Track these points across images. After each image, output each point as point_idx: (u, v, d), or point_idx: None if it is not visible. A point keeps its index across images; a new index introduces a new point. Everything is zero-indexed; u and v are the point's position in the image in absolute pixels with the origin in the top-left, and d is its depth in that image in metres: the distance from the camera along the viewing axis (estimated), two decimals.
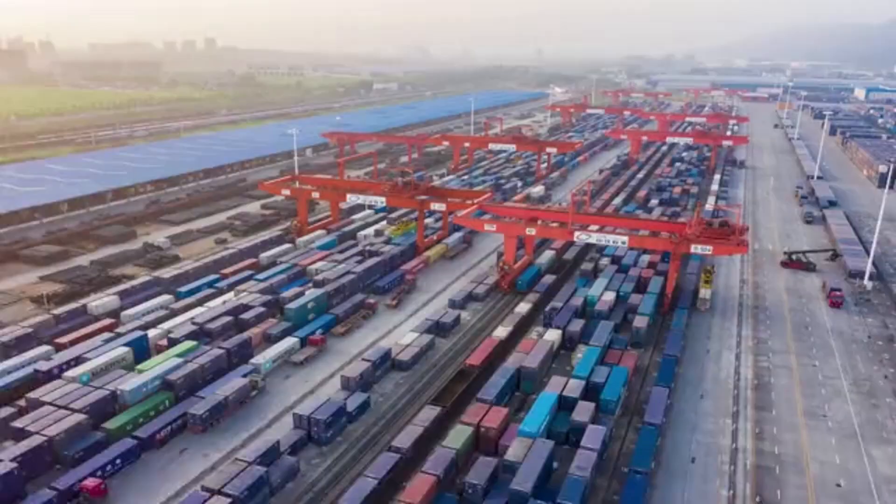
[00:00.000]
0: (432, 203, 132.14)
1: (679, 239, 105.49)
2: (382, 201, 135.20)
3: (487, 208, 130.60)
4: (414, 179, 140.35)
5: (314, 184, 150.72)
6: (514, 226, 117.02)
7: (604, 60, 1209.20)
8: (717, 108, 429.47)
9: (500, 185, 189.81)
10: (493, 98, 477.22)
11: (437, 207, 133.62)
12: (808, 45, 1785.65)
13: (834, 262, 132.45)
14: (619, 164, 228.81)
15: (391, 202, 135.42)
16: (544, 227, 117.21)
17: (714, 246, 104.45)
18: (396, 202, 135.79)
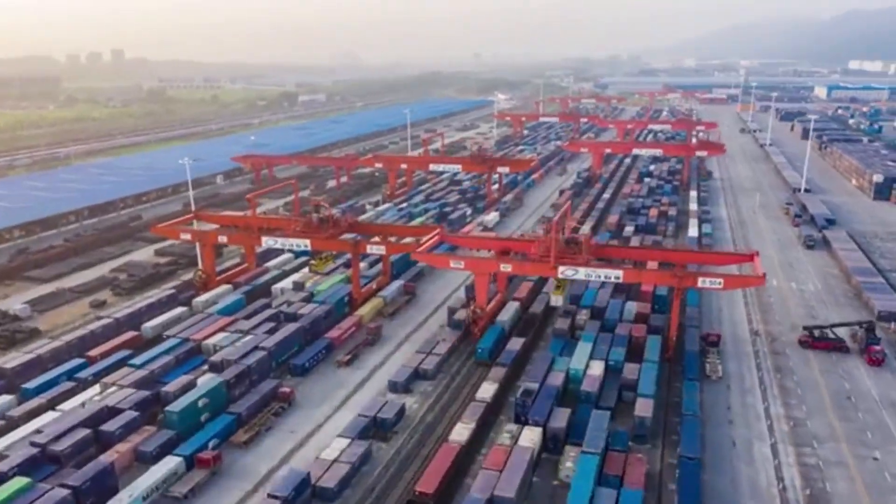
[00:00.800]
0: (368, 245, 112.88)
1: (683, 272, 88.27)
2: (306, 244, 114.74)
3: (451, 239, 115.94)
4: (332, 214, 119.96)
5: (219, 223, 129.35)
6: (485, 262, 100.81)
7: (547, 63, 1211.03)
8: (676, 113, 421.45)
9: (446, 213, 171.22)
10: (431, 108, 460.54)
11: (374, 251, 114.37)
12: (757, 42, 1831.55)
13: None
14: (581, 181, 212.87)
15: (317, 245, 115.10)
16: (521, 261, 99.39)
17: (725, 279, 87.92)
18: (323, 244, 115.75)
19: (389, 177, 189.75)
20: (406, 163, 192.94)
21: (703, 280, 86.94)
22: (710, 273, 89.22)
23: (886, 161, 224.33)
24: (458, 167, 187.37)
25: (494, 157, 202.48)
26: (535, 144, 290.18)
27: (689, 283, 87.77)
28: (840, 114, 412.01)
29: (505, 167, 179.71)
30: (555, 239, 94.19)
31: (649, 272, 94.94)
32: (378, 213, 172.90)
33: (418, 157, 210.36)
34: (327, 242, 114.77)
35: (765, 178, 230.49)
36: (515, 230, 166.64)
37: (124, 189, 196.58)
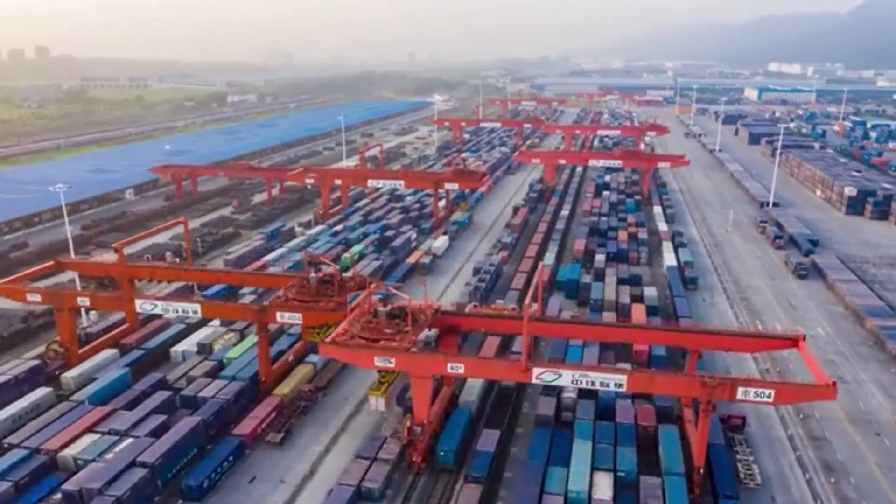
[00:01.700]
0: (278, 312, 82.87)
1: (714, 380, 62.68)
2: (196, 309, 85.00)
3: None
4: (339, 273, 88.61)
5: (85, 272, 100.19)
6: (426, 359, 70.80)
7: (481, 64, 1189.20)
8: (616, 115, 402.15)
9: (388, 238, 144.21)
10: (367, 110, 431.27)
11: (289, 320, 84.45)
12: (679, 45, 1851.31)
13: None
14: (535, 195, 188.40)
15: (312, 320, 78.94)
16: (479, 361, 71.99)
17: (777, 390, 62.37)
18: (324, 318, 78.16)
19: (322, 194, 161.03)
20: (341, 177, 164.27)
21: (744, 391, 61.26)
22: (754, 381, 63.60)
23: (851, 171, 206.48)
24: (400, 183, 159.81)
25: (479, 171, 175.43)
26: (478, 151, 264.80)
27: (725, 395, 61.92)
28: (779, 117, 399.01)
29: (454, 183, 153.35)
30: (525, 322, 67.53)
31: (665, 378, 67.38)
32: (309, 238, 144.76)
33: (355, 171, 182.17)
34: (329, 315, 77.89)
35: (726, 190, 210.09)
36: (468, 257, 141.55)
37: (11, 209, 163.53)
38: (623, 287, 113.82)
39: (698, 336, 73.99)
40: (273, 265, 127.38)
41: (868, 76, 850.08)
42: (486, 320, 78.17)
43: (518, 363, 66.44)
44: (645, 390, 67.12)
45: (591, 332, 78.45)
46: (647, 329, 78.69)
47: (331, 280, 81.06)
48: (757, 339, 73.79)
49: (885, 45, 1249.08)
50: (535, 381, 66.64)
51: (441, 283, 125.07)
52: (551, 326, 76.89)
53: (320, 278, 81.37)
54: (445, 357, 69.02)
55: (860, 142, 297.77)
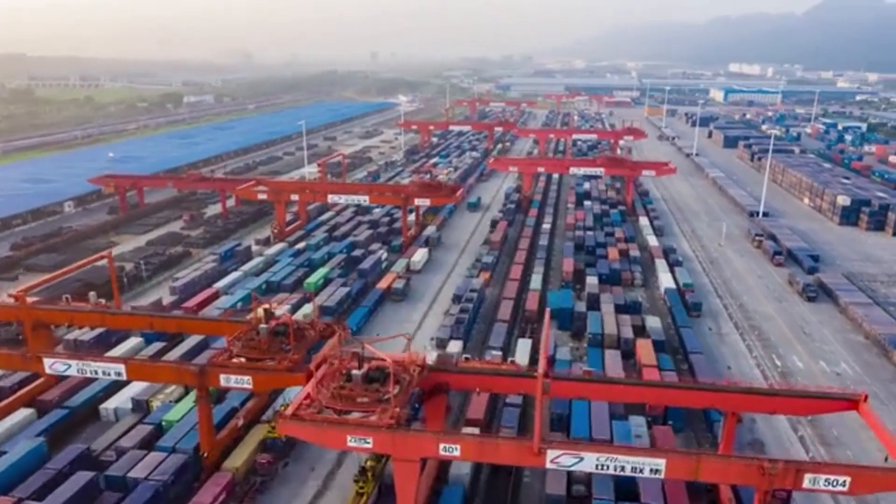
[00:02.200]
0: (222, 375, 67.57)
1: (778, 466, 49.95)
2: (120, 371, 69.87)
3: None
4: (293, 321, 76.39)
5: None
6: (413, 439, 55.41)
7: (445, 63, 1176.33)
8: (586, 117, 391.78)
9: (356, 259, 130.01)
10: (329, 111, 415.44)
11: (234, 384, 68.93)
12: (639, 45, 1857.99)
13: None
14: (512, 206, 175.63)
15: (262, 385, 69.65)
16: (481, 441, 57.62)
17: (853, 476, 49.98)
18: (272, 381, 68.04)
19: (277, 210, 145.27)
20: (297, 192, 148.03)
21: (812, 478, 48.42)
22: (824, 465, 50.66)
23: (839, 178, 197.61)
24: (365, 198, 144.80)
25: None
26: (448, 156, 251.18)
27: (788, 483, 49.03)
28: (749, 119, 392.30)
29: (425, 199, 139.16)
30: (539, 413, 53.72)
31: (713, 462, 52.44)
32: (268, 258, 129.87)
33: (314, 184, 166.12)
34: (284, 378, 64.50)
35: (710, 198, 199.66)
36: (449, 271, 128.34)
37: None
38: (623, 317, 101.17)
39: (739, 396, 61.13)
40: (227, 292, 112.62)
41: (827, 77, 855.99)
42: (485, 378, 64.47)
43: (529, 444, 52.81)
44: (690, 477, 53.89)
45: (615, 392, 65.08)
46: (681, 388, 65.13)
47: (285, 331, 66.52)
48: (807, 400, 61.20)
49: (840, 45, 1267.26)
50: (549, 465, 53.25)
51: (417, 310, 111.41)
52: (567, 386, 63.28)
53: (272, 328, 66.89)
54: (437, 436, 55.14)
55: (836, 145, 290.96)
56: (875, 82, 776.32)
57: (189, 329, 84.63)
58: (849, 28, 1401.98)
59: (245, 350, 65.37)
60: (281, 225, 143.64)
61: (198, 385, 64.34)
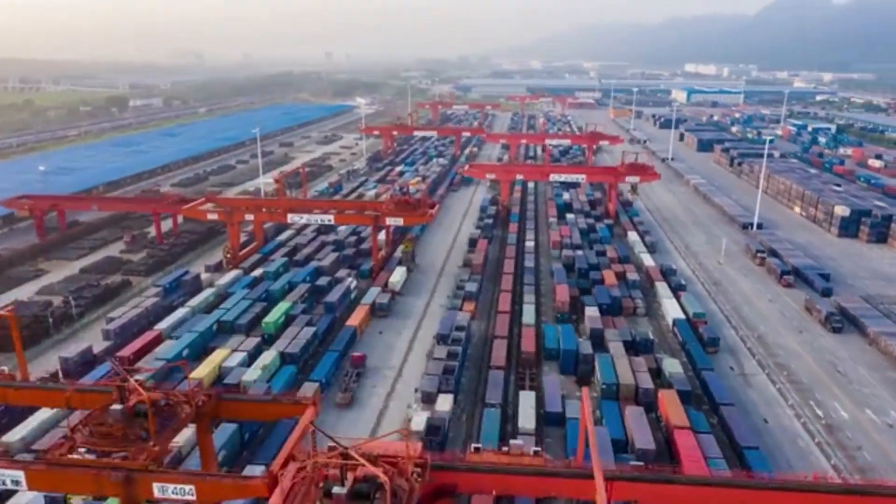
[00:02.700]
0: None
1: None
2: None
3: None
4: (178, 398, 59.97)
5: None
6: None
7: (401, 64, 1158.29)
8: (552, 119, 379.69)
9: (322, 289, 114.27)
10: (285, 115, 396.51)
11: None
12: (594, 45, 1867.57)
13: None
14: (489, 219, 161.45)
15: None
16: None
17: None
18: None
19: (230, 234, 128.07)
20: (253, 211, 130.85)
21: None
22: None
23: (830, 185, 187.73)
24: (329, 218, 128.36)
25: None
26: (414, 164, 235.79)
27: None
28: (717, 120, 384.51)
29: (398, 218, 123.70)
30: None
31: None
32: (220, 290, 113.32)
33: (272, 201, 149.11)
34: (234, 487, 49.21)
35: (696, 207, 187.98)
36: (429, 299, 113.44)
37: None
38: (636, 360, 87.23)
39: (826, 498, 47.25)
40: (171, 336, 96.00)
41: (783, 77, 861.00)
42: (508, 479, 49.57)
43: None
44: None
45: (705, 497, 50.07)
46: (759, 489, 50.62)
47: (144, 412, 50.41)
48: None
49: (791, 46, 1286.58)
50: None
51: (394, 355, 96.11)
52: (624, 488, 48.38)
53: (130, 408, 50.95)
54: None
55: (810, 147, 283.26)
56: (830, 82, 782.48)
57: (14, 400, 64.75)
58: (799, 29, 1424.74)
59: (92, 438, 49.20)
60: (234, 250, 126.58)
61: (124, 500, 48.17)
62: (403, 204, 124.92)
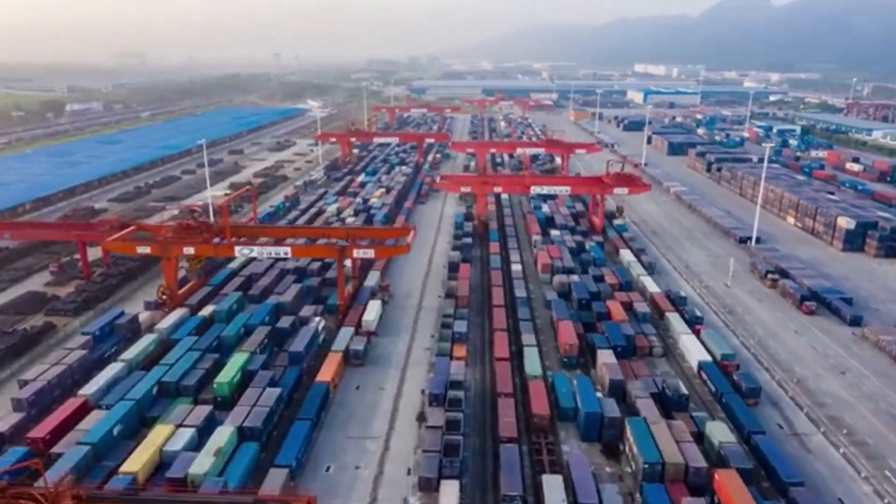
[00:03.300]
0: None
1: None
2: None
3: None
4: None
5: None
6: None
7: (351, 65, 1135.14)
8: (513, 123, 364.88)
9: (283, 332, 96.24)
10: (234, 120, 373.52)
11: None
12: (541, 45, 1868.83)
13: None
14: (466, 237, 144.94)
15: None
16: None
17: None
18: None
19: (165, 273, 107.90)
20: (192, 244, 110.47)
21: None
22: None
23: (823, 192, 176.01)
24: (285, 250, 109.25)
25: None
26: (375, 174, 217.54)
27: None
28: (681, 122, 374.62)
29: (368, 252, 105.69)
30: None
31: None
32: (162, 336, 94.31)
33: (219, 229, 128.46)
34: None
35: (683, 218, 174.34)
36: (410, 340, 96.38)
37: None
38: (676, 426, 71.42)
39: None
40: (100, 404, 76.97)
41: (732, 77, 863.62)
42: None
43: None
44: None
45: None
46: None
47: None
48: None
49: (735, 46, 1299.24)
50: None
51: (377, 420, 78.73)
52: None
53: None
54: None
55: (781, 150, 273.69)
56: (778, 82, 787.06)
57: None
58: (741, 29, 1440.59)
59: None
60: (172, 289, 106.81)
61: None
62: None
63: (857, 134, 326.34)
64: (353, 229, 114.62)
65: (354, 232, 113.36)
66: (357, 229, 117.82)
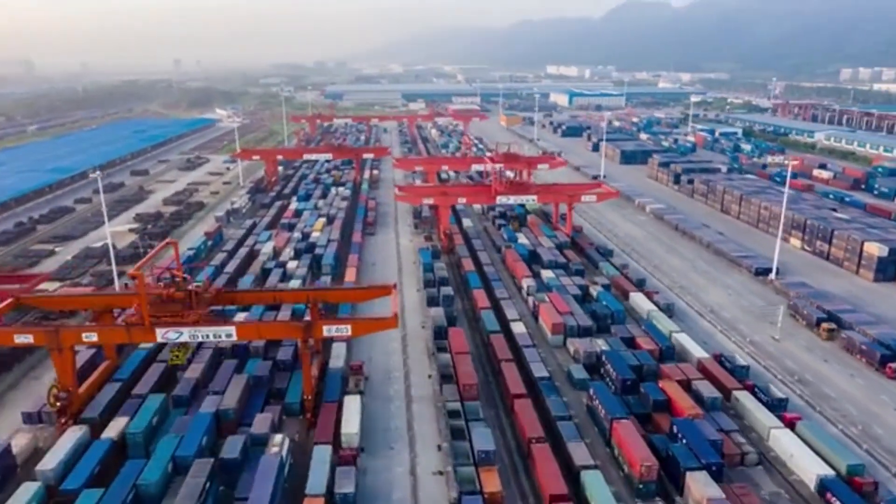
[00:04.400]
0: None
1: None
2: None
3: None
4: None
5: None
6: None
7: (257, 70, 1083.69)
8: (444, 130, 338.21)
9: (230, 464, 65.63)
10: (135, 134, 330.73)
11: None
12: (448, 48, 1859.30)
13: None
14: (442, 284, 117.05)
15: None
16: None
17: None
18: None
19: (58, 368, 75.07)
20: (96, 331, 76.89)
21: None
22: None
23: (825, 209, 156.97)
24: (228, 331, 76.97)
25: None
26: (310, 198, 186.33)
27: None
28: (621, 126, 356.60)
29: (343, 327, 76.16)
30: None
31: None
32: (45, 481, 62.44)
33: (127, 297, 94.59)
34: None
35: (674, 243, 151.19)
36: (410, 460, 67.84)
37: None
38: None
39: None
40: None
41: (644, 77, 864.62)
42: None
43: None
44: None
45: None
46: None
47: None
48: None
49: (639, 47, 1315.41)
50: None
51: None
52: None
53: None
54: None
55: (735, 156, 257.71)
56: (690, 82, 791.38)
57: None
58: (643, 30, 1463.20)
59: None
60: (70, 390, 74.53)
61: None
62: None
63: (799, 136, 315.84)
64: (314, 291, 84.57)
65: (317, 294, 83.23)
66: (320, 291, 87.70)
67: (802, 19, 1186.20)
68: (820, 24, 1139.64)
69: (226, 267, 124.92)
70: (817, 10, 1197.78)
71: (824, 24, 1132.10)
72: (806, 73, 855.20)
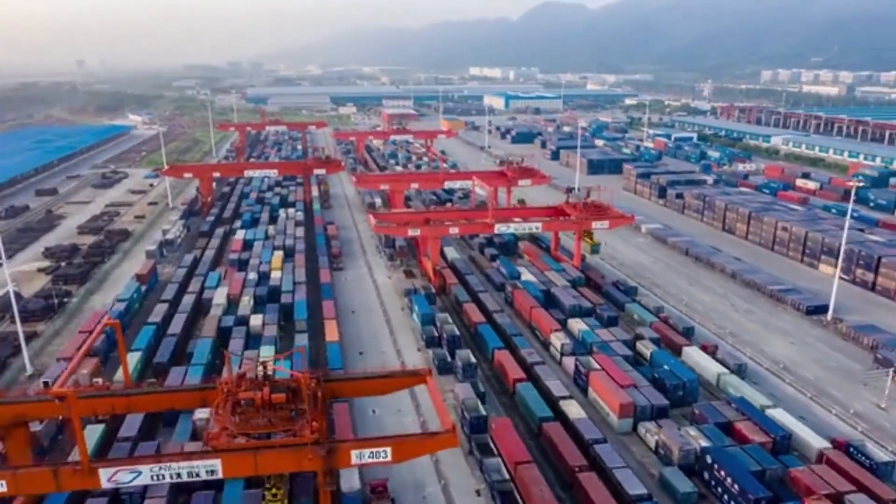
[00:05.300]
0: None
1: None
2: None
3: None
4: None
5: None
6: None
7: (169, 72, 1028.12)
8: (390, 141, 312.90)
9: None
10: (38, 145, 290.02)
11: None
12: (365, 49, 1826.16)
13: None
14: (451, 341, 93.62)
15: None
16: None
17: None
18: None
19: None
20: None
21: None
22: None
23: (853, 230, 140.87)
24: (210, 467, 52.83)
25: None
26: (257, 224, 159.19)
27: None
28: (569, 131, 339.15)
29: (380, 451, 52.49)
30: None
31: None
32: None
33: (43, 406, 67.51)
34: None
35: (692, 272, 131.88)
36: None
37: None
38: None
39: None
40: None
41: (571, 79, 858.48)
42: None
43: None
44: None
45: None
46: None
47: None
48: None
49: (557, 48, 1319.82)
50: None
51: None
52: None
53: None
54: None
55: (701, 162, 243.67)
56: (615, 83, 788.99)
57: None
58: (561, 32, 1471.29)
59: None
60: None
61: None
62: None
63: (754, 140, 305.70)
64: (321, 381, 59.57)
65: (327, 388, 58.00)
66: (329, 382, 62.44)
67: (717, 22, 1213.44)
68: (735, 26, 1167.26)
69: (169, 326, 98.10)
70: (732, 12, 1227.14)
71: (739, 26, 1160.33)
72: (726, 74, 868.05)
